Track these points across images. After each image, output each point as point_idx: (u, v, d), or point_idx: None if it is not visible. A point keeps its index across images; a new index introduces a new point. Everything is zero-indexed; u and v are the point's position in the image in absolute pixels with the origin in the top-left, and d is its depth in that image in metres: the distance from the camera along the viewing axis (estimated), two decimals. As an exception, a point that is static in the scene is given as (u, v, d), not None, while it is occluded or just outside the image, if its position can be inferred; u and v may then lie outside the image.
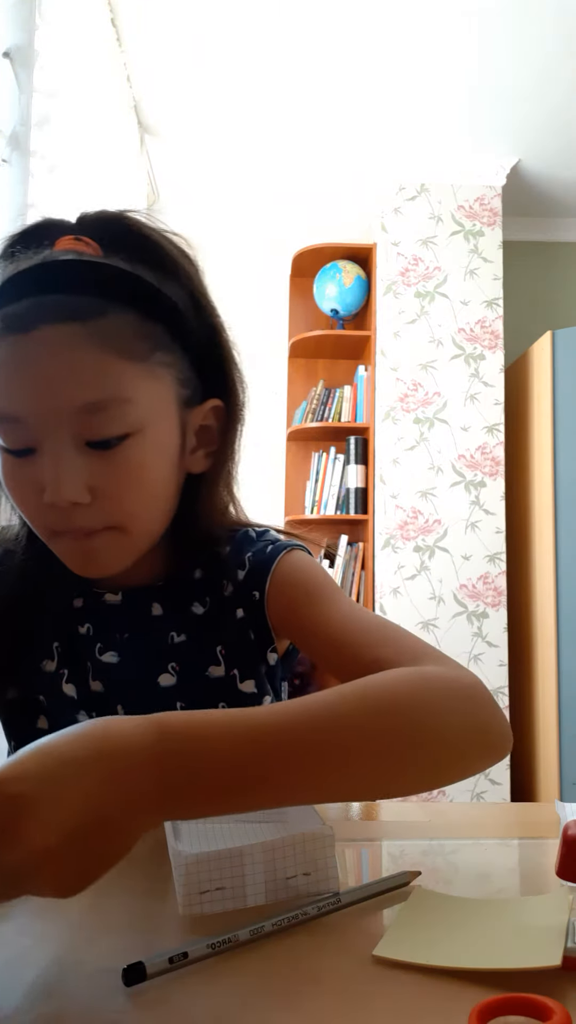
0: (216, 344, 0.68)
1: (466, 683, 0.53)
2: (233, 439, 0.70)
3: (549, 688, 2.82)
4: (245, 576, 0.70)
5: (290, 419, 3.36)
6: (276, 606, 0.69)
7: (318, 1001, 0.35)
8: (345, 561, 3.11)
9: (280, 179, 3.23)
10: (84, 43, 1.98)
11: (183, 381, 0.64)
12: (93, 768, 0.38)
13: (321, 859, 0.46)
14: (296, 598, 0.68)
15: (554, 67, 2.53)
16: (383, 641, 0.59)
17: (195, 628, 0.70)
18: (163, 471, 0.63)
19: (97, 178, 2.12)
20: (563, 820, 0.61)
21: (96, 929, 0.43)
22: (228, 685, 0.70)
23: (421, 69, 2.54)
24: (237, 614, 0.70)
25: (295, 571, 0.69)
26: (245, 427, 0.71)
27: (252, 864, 0.45)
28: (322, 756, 0.45)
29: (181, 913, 0.43)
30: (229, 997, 0.36)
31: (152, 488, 0.63)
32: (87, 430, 0.58)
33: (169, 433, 0.63)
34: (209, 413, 0.68)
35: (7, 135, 1.36)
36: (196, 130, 2.91)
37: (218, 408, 0.69)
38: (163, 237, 0.65)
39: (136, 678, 0.69)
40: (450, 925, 0.42)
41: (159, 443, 0.62)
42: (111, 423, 0.58)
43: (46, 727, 0.70)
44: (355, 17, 2.31)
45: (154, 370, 0.61)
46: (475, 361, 3.03)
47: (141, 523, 0.63)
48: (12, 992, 0.37)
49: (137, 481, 0.61)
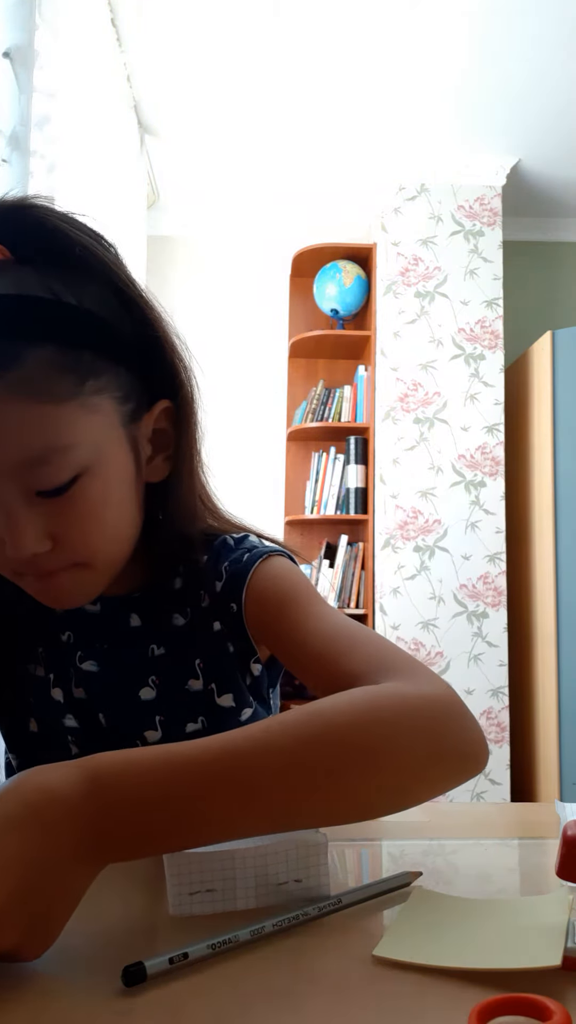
0: (153, 339, 0.61)
1: (429, 698, 0.50)
2: (191, 437, 0.65)
3: (549, 688, 2.82)
4: (222, 587, 0.68)
5: (290, 419, 3.36)
6: (252, 617, 0.67)
7: (318, 1001, 0.35)
8: (345, 561, 3.11)
9: (280, 179, 3.23)
10: (84, 43, 1.98)
11: (123, 397, 0.58)
12: (27, 823, 0.38)
13: (313, 866, 0.46)
14: (269, 609, 0.65)
15: (554, 67, 2.53)
16: (350, 651, 0.57)
17: (174, 641, 0.69)
18: (122, 498, 0.60)
19: (97, 178, 2.12)
20: (563, 820, 0.61)
21: (96, 929, 0.43)
22: (206, 699, 0.68)
23: (421, 69, 2.54)
24: (215, 627, 0.68)
25: (270, 580, 0.66)
26: (201, 421, 0.66)
27: (243, 868, 0.45)
28: (248, 788, 0.43)
29: (171, 913, 0.44)
30: (229, 997, 0.36)
31: (113, 520, 0.59)
32: (32, 482, 0.53)
33: (120, 459, 0.59)
34: (160, 416, 0.63)
35: (7, 135, 1.36)
36: (196, 130, 2.91)
37: (168, 408, 0.63)
38: (73, 226, 0.57)
39: (116, 688, 0.69)
40: (450, 925, 0.42)
41: (112, 474, 0.58)
42: (55, 473, 0.53)
43: (36, 731, 0.70)
44: (355, 17, 2.31)
45: (88, 402, 0.54)
46: (475, 361, 3.03)
47: (105, 556, 0.60)
48: (12, 992, 0.37)
49: (96, 519, 0.57)
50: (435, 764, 0.49)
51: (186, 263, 3.53)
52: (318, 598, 0.65)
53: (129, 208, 2.67)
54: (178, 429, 0.64)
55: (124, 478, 0.59)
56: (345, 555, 3.11)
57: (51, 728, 0.70)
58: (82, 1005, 0.35)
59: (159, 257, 3.44)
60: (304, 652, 0.60)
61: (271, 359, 3.49)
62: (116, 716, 0.69)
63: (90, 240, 0.57)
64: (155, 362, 0.61)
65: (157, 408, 0.62)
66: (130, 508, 0.61)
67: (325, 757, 0.45)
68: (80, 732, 0.69)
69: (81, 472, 0.54)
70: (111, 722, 0.69)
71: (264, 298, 3.51)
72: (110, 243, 0.59)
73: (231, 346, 3.50)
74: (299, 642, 0.61)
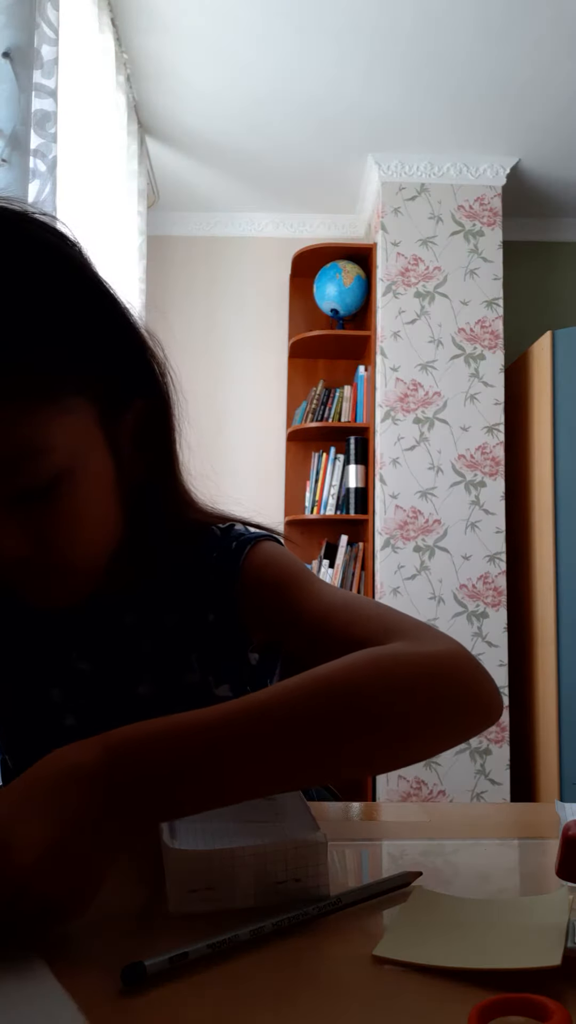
0: (125, 338, 0.60)
1: (437, 655, 0.52)
2: (169, 432, 0.65)
3: (549, 688, 2.82)
4: (214, 578, 0.68)
5: (290, 419, 3.36)
6: (248, 604, 0.67)
7: (318, 1001, 0.35)
8: (345, 561, 3.11)
9: (280, 179, 3.23)
10: (84, 43, 1.98)
11: (99, 398, 0.57)
12: (52, 785, 0.42)
13: (312, 866, 0.46)
14: (265, 594, 0.66)
15: (554, 67, 2.53)
16: (355, 621, 0.58)
17: (168, 636, 0.69)
18: (104, 499, 0.59)
19: (97, 178, 2.12)
20: (563, 820, 0.61)
21: (95, 929, 0.43)
22: (204, 691, 0.69)
23: (421, 69, 2.54)
24: (208, 618, 0.68)
25: (262, 565, 0.67)
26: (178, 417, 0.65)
27: (243, 866, 0.45)
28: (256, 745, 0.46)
29: (171, 910, 0.44)
30: (229, 997, 0.36)
31: (96, 522, 0.59)
32: (10, 488, 0.53)
33: (100, 460, 0.58)
34: (138, 414, 0.62)
35: (7, 135, 1.36)
36: (196, 130, 2.91)
37: (145, 406, 0.62)
38: (37, 226, 0.56)
39: (113, 687, 0.69)
40: (450, 925, 0.42)
41: (93, 475, 0.57)
42: (33, 477, 0.53)
43: (34, 732, 0.70)
44: (355, 17, 2.31)
45: (63, 403, 0.53)
46: (475, 361, 3.03)
47: (90, 558, 0.60)
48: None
49: (79, 521, 0.57)
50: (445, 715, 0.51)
51: (186, 263, 3.53)
52: (313, 576, 0.66)
53: (129, 208, 2.67)
54: (157, 427, 0.64)
55: (105, 479, 0.59)
56: (345, 555, 3.11)
57: (49, 729, 0.70)
58: (82, 1005, 0.35)
59: (159, 257, 3.44)
60: (308, 629, 0.61)
61: (271, 359, 3.49)
62: (113, 713, 0.69)
63: (55, 240, 0.56)
64: (129, 361, 0.61)
65: (134, 407, 0.61)
66: (113, 509, 0.61)
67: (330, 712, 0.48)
68: (79, 732, 0.69)
69: (61, 474, 0.54)
70: (109, 720, 0.69)
71: (264, 298, 3.51)
72: (75, 241, 0.58)
73: (231, 346, 3.50)
74: (301, 620, 0.62)
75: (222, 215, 3.50)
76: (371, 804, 0.70)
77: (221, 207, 3.46)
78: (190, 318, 3.50)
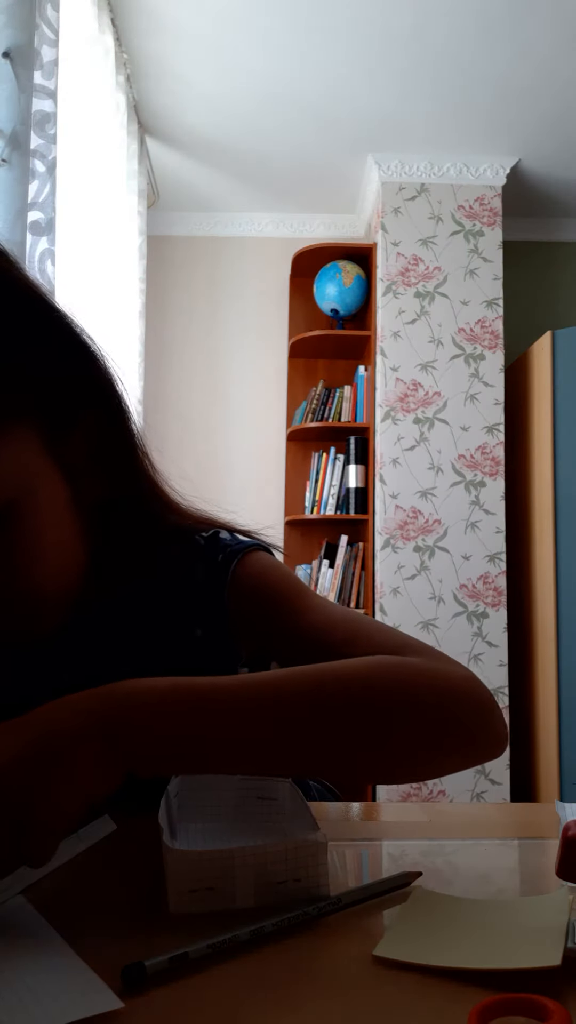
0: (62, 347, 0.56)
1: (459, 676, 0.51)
2: (128, 438, 0.61)
3: (549, 688, 2.82)
4: (200, 594, 0.65)
5: (290, 419, 3.36)
6: (239, 619, 0.64)
7: (318, 1001, 0.35)
8: (345, 561, 3.11)
9: (280, 179, 3.23)
10: (84, 43, 1.98)
11: (42, 419, 0.54)
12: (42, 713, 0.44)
13: (312, 866, 0.46)
14: (257, 610, 0.63)
15: (553, 67, 2.53)
16: (354, 638, 0.57)
17: (154, 653, 0.66)
18: (59, 524, 0.56)
19: (97, 178, 2.12)
20: (563, 820, 0.61)
21: (95, 929, 0.43)
22: None
23: (421, 69, 2.54)
24: (196, 633, 0.66)
25: (255, 577, 0.64)
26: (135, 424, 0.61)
27: (242, 867, 0.45)
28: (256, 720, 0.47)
29: (171, 910, 0.44)
30: (229, 997, 0.36)
31: (54, 550, 0.55)
32: None
33: (51, 486, 0.55)
34: (90, 427, 0.58)
35: (7, 135, 1.37)
36: (196, 130, 2.91)
37: (95, 416, 0.58)
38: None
39: None
40: (450, 925, 0.42)
41: (45, 502, 0.54)
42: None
43: None
44: (356, 17, 2.31)
45: (3, 431, 0.50)
46: (475, 361, 3.03)
47: (55, 586, 0.56)
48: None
49: (34, 551, 0.54)
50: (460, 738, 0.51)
51: (186, 263, 3.53)
52: (308, 590, 0.64)
53: (129, 208, 2.67)
54: (112, 436, 0.60)
55: (58, 504, 0.56)
56: (345, 555, 3.11)
57: None
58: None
59: (159, 257, 3.44)
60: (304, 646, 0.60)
61: (271, 359, 3.49)
62: None
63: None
64: (70, 375, 0.56)
65: (83, 422, 0.57)
66: (71, 533, 0.57)
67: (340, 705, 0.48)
68: None
69: (6, 507, 0.51)
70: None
71: (264, 298, 3.51)
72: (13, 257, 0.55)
73: (231, 346, 3.50)
74: (296, 637, 0.61)
75: (222, 215, 3.50)
76: (371, 804, 0.70)
77: (221, 207, 3.46)
78: (190, 318, 3.50)
